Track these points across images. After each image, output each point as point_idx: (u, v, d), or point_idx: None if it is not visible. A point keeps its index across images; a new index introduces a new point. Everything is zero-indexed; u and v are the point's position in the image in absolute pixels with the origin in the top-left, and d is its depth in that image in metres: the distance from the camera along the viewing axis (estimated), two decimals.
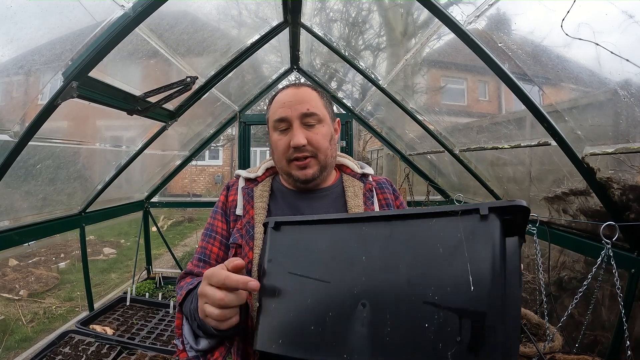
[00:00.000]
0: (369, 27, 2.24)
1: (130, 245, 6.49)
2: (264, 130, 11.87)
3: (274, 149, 0.87)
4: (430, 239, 0.44)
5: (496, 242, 0.40)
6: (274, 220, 0.59)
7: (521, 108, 1.37)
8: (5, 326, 3.65)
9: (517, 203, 0.40)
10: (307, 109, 0.82)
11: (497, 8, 1.19)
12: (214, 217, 0.93)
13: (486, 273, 0.39)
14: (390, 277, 0.45)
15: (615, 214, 1.27)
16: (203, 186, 11.64)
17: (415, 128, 2.60)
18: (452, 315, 0.39)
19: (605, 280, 1.53)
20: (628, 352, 1.07)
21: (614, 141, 1.16)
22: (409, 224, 0.47)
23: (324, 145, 0.84)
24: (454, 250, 0.41)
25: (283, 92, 0.88)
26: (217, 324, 0.55)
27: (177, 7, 1.49)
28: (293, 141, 0.80)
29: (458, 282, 0.40)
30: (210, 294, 0.53)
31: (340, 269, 0.49)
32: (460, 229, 0.42)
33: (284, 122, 0.83)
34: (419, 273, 0.43)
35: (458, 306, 0.39)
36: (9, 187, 1.53)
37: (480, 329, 0.37)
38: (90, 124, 1.88)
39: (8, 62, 1.13)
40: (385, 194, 0.94)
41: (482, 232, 0.41)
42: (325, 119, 0.86)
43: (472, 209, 0.42)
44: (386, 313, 0.43)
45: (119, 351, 1.70)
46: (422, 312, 0.41)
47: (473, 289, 0.39)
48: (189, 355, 0.65)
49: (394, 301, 0.43)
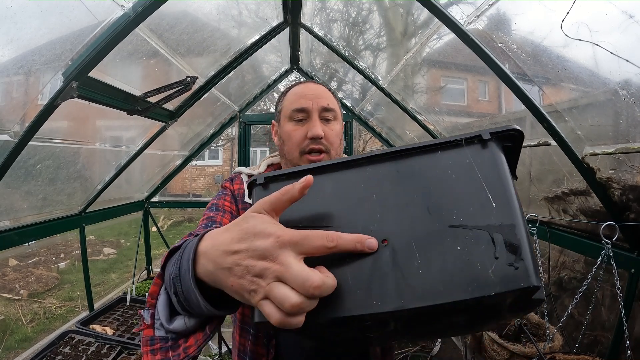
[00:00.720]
0: (369, 27, 2.24)
1: (130, 245, 6.49)
2: (264, 130, 11.88)
3: (286, 140, 0.85)
4: (439, 168, 0.43)
5: (502, 161, 0.42)
6: (263, 176, 0.50)
7: (521, 108, 1.37)
8: (5, 326, 3.65)
9: (512, 127, 0.43)
10: (327, 104, 0.84)
11: (497, 8, 1.19)
12: (222, 198, 0.87)
13: (501, 190, 0.40)
14: (408, 209, 0.42)
15: (615, 214, 1.27)
16: (203, 186, 11.64)
17: (415, 128, 2.60)
18: (482, 233, 0.38)
19: (605, 280, 1.53)
20: (628, 352, 1.07)
21: (614, 141, 1.16)
22: (414, 158, 0.45)
23: (336, 142, 0.85)
24: (465, 174, 0.42)
25: (302, 84, 0.88)
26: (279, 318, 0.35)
27: (177, 7, 1.49)
28: (312, 131, 0.80)
29: (479, 201, 0.40)
30: (306, 275, 0.35)
31: (350, 212, 0.44)
32: (467, 154, 0.43)
33: (302, 113, 0.83)
34: (437, 200, 0.41)
35: (486, 223, 0.38)
36: (9, 187, 1.53)
37: (512, 240, 0.37)
38: (90, 124, 1.88)
39: (8, 62, 1.13)
40: None
41: (487, 156, 0.42)
42: (339, 118, 0.88)
43: (474, 135, 0.43)
44: (413, 246, 0.40)
45: (119, 351, 1.70)
46: (451, 236, 0.39)
47: (495, 205, 0.39)
48: (156, 334, 0.48)
49: (418, 232, 0.40)
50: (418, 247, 0.40)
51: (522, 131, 0.44)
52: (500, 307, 0.39)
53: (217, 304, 0.45)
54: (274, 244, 0.37)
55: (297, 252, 0.37)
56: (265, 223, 0.39)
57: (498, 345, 1.30)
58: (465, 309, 0.37)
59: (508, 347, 1.27)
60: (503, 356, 1.29)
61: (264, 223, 0.39)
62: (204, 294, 0.43)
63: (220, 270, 0.40)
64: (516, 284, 0.35)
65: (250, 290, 0.37)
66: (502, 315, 0.41)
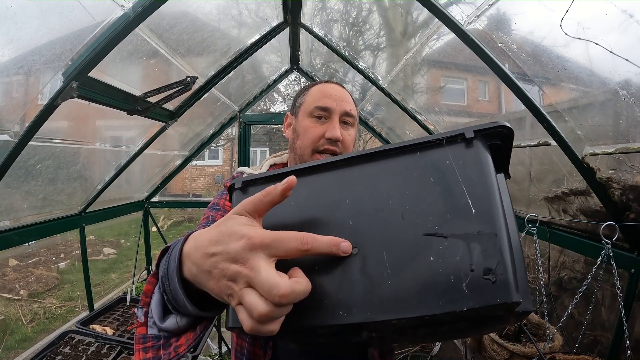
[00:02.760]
0: (369, 27, 2.24)
1: (130, 245, 6.49)
2: (264, 130, 11.84)
3: (301, 134, 0.85)
4: (418, 170, 0.40)
5: (487, 162, 0.38)
6: (241, 180, 0.50)
7: (521, 108, 1.37)
8: (5, 326, 3.65)
9: (500, 124, 0.39)
10: (350, 110, 0.85)
11: (497, 8, 1.19)
12: (222, 197, 0.87)
13: (484, 194, 0.36)
14: (381, 215, 0.39)
15: (615, 214, 1.27)
16: (203, 186, 11.64)
17: (415, 128, 2.60)
18: (458, 242, 0.35)
19: (605, 280, 1.53)
20: (628, 352, 1.07)
21: (614, 141, 1.16)
22: (393, 160, 0.42)
23: (350, 147, 0.87)
24: (445, 177, 0.38)
25: (328, 84, 0.89)
26: (252, 325, 0.35)
27: (177, 7, 1.49)
28: (331, 133, 0.81)
29: (457, 207, 0.37)
30: (273, 282, 0.34)
31: (321, 218, 0.42)
32: (448, 155, 0.39)
33: (325, 112, 0.84)
34: (412, 206, 0.38)
35: (463, 231, 0.35)
36: (9, 187, 1.53)
37: (491, 251, 0.34)
38: (90, 124, 1.88)
39: (8, 62, 1.13)
40: None
41: (471, 156, 0.39)
42: (356, 125, 0.90)
43: (457, 134, 0.40)
44: (383, 255, 0.37)
45: (119, 351, 1.70)
46: (424, 245, 0.36)
47: (475, 212, 0.36)
48: (148, 332, 0.50)
49: (390, 240, 0.38)
50: (389, 256, 0.37)
51: (511, 127, 0.40)
52: (479, 320, 0.36)
53: (205, 305, 0.45)
54: (245, 246, 0.36)
55: (269, 254, 0.36)
56: (241, 224, 0.39)
57: (498, 345, 1.30)
58: (441, 321, 0.35)
59: (508, 347, 1.27)
60: (503, 356, 1.29)
61: (239, 224, 0.39)
62: (192, 295, 0.43)
63: (201, 272, 0.39)
64: (492, 299, 0.32)
65: (227, 295, 0.37)
66: (485, 326, 0.39)
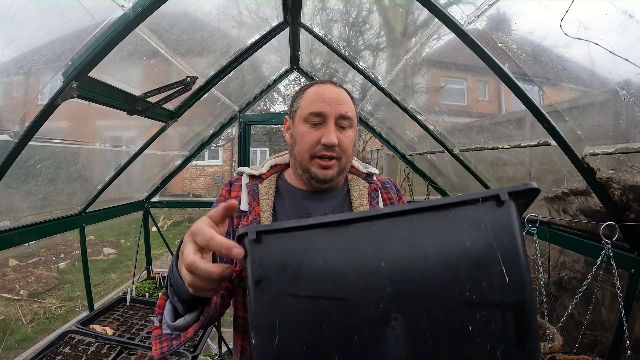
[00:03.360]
0: (369, 27, 2.24)
1: (130, 245, 6.49)
2: (264, 130, 11.84)
3: (298, 140, 0.84)
4: (454, 232, 0.39)
5: (518, 227, 0.39)
6: (255, 230, 0.43)
7: (521, 108, 1.37)
8: (5, 326, 3.65)
9: (531, 186, 0.40)
10: (346, 112, 0.82)
11: (497, 8, 1.19)
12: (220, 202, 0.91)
13: (515, 260, 0.37)
14: (419, 282, 0.39)
15: (615, 214, 1.27)
16: (203, 186, 11.65)
17: (415, 128, 2.60)
18: (494, 311, 0.37)
19: (605, 280, 1.53)
20: (628, 352, 1.07)
21: (614, 141, 1.16)
22: (427, 218, 0.41)
23: (349, 150, 0.85)
24: (480, 242, 0.39)
25: (322, 86, 0.85)
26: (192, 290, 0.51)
27: (177, 7, 1.49)
28: (327, 139, 0.80)
29: (492, 275, 0.37)
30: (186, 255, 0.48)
31: (357, 280, 0.40)
32: (483, 218, 0.39)
33: (319, 117, 0.82)
34: (451, 272, 0.38)
35: (498, 300, 0.37)
36: (9, 187, 1.53)
37: (523, 319, 0.36)
38: (90, 124, 1.88)
39: (8, 62, 1.13)
40: (389, 194, 0.94)
41: (502, 218, 0.39)
42: (354, 125, 0.87)
43: (492, 195, 0.40)
44: (423, 324, 0.38)
45: (119, 351, 1.70)
46: (463, 315, 0.37)
47: (508, 280, 0.37)
48: (163, 332, 0.65)
49: (429, 309, 0.38)
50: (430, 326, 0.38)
51: (539, 188, 0.41)
52: None
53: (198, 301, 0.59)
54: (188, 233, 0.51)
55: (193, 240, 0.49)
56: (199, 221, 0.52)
57: None
58: None
59: None
60: None
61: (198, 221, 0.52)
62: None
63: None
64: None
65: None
66: None
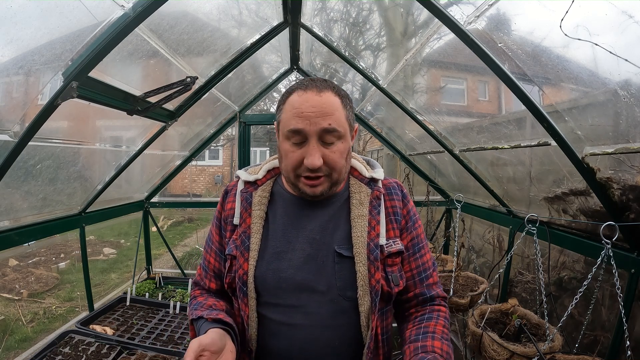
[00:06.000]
0: (369, 28, 2.24)
1: (130, 245, 6.48)
2: (264, 130, 11.82)
3: (282, 157, 0.79)
4: None
5: None
6: None
7: (521, 108, 1.37)
8: (5, 326, 3.65)
9: None
10: (329, 124, 0.72)
11: (497, 8, 1.19)
12: (212, 225, 0.94)
13: None
14: None
15: (615, 214, 1.27)
16: (203, 186, 11.64)
17: (415, 128, 2.60)
18: None
19: (605, 280, 1.53)
20: (628, 352, 1.07)
21: (614, 141, 1.16)
22: None
23: (339, 164, 0.76)
24: None
25: (302, 96, 0.73)
26: None
27: (177, 7, 1.49)
28: (308, 161, 0.72)
29: None
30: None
31: None
32: None
33: (299, 135, 0.73)
34: None
35: None
36: (9, 187, 1.53)
37: None
38: (90, 124, 1.88)
39: (8, 62, 1.13)
40: (393, 201, 0.88)
41: None
42: (346, 134, 0.76)
43: None
44: None
45: (119, 351, 1.70)
46: None
47: None
48: None
49: None
50: None
51: None
52: None
53: None
54: None
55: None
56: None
57: (498, 345, 1.30)
58: None
59: (508, 347, 1.27)
60: (503, 356, 1.28)
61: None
62: None
63: None
64: None
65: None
66: None
